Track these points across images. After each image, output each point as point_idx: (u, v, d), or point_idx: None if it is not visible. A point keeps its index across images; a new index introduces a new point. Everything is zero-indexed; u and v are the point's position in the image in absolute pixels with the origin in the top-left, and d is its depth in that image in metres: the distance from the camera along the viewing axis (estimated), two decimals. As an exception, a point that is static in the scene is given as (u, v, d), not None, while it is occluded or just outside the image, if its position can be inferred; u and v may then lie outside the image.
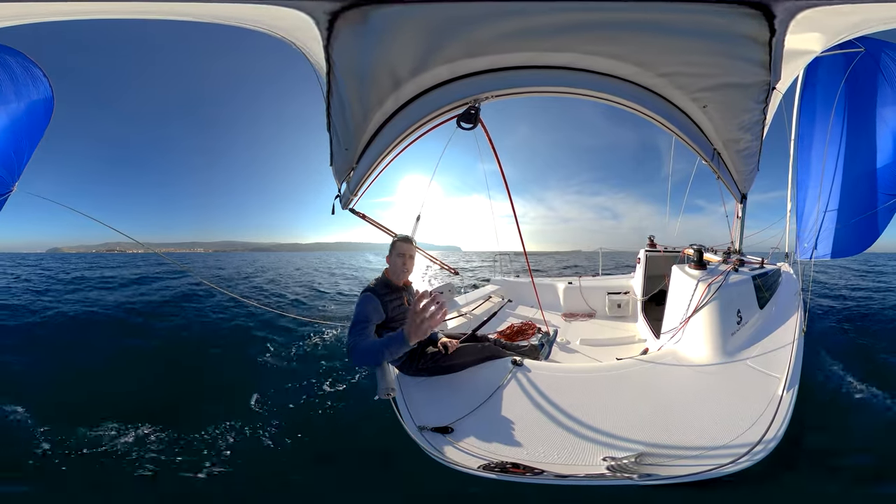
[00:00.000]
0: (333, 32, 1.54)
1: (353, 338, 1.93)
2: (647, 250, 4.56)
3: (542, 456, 1.50)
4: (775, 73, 1.82)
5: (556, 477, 1.40)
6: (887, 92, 4.19)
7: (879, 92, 4.23)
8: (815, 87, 4.72)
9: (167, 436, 2.76)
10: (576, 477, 1.40)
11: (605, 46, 1.83)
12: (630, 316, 4.22)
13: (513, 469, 1.45)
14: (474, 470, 1.47)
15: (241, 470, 2.46)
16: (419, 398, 1.94)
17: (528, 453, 1.51)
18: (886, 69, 4.19)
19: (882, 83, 4.21)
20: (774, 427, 1.53)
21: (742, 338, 2.34)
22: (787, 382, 1.80)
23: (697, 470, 1.38)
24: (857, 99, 4.36)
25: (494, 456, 1.51)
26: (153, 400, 3.37)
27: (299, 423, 2.97)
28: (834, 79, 4.43)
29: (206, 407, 3.17)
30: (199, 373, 4.19)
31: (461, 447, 1.57)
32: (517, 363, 2.11)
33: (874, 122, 4.28)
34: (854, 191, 4.43)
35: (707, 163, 2.77)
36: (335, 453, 2.64)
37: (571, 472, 1.42)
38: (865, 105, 4.33)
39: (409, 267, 2.26)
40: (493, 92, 1.96)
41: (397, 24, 1.57)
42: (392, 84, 1.84)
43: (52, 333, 5.63)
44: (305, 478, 2.43)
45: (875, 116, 4.27)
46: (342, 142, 2.04)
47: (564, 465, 1.45)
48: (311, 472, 2.47)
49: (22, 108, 2.95)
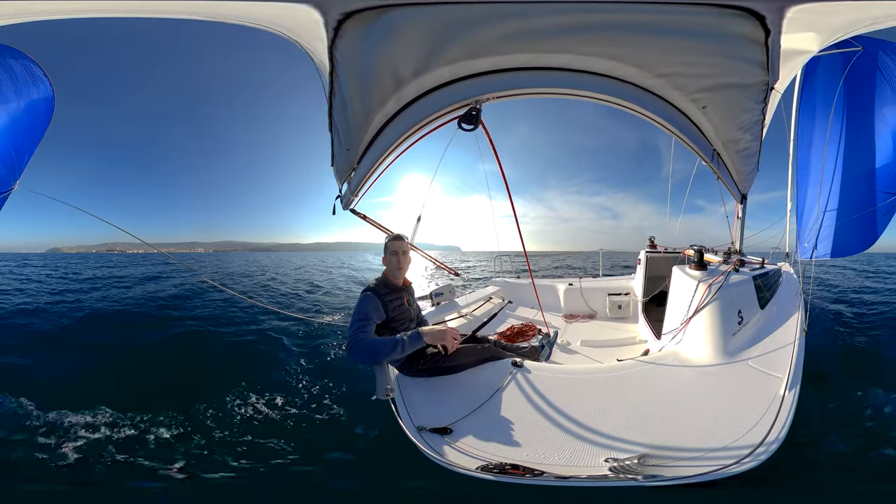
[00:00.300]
0: (339, 33, 1.56)
1: (354, 334, 1.95)
2: (648, 251, 4.56)
3: (542, 457, 1.49)
4: (773, 73, 1.83)
5: (557, 478, 1.40)
6: (886, 91, 4.19)
7: (878, 91, 4.23)
8: (813, 86, 4.72)
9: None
10: (577, 478, 1.39)
11: (604, 48, 1.84)
12: (631, 317, 4.22)
13: (512, 470, 1.44)
14: (472, 471, 1.46)
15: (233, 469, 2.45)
16: (418, 399, 1.93)
17: (527, 454, 1.51)
18: (885, 68, 4.19)
19: (881, 82, 4.21)
20: (777, 427, 1.52)
21: (743, 338, 2.33)
22: (788, 382, 1.79)
23: (700, 471, 1.38)
24: (856, 98, 4.36)
25: (493, 457, 1.50)
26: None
27: (298, 422, 2.97)
28: (833, 78, 4.43)
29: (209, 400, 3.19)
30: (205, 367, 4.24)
31: (459, 448, 1.56)
32: (517, 364, 2.10)
33: (873, 121, 4.28)
34: (854, 190, 4.42)
35: (707, 163, 2.77)
36: (332, 453, 2.63)
37: (573, 473, 1.41)
38: (865, 104, 4.33)
39: (404, 264, 2.28)
40: (494, 93, 1.97)
41: (404, 26, 1.59)
42: (394, 84, 1.85)
43: (93, 332, 5.65)
44: (300, 478, 2.43)
45: (874, 116, 4.27)
46: (343, 142, 2.05)
47: (565, 467, 1.44)
48: (307, 472, 2.46)
49: (22, 107, 2.95)
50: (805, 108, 4.83)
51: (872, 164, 4.31)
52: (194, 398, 3.20)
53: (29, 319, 6.14)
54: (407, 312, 2.27)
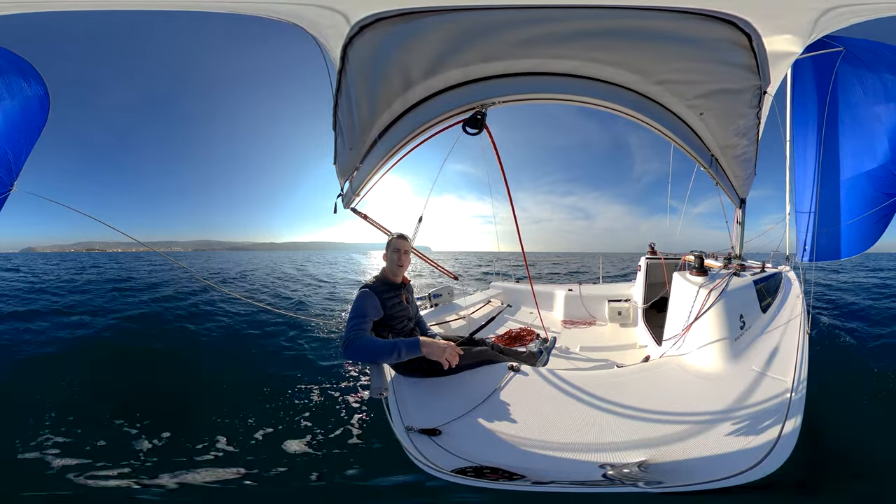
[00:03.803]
0: (360, 32, 1.57)
1: (350, 332, 1.94)
2: (648, 258, 4.56)
3: (528, 461, 1.45)
4: (765, 77, 1.87)
5: (535, 483, 1.35)
6: (877, 89, 4.23)
7: (868, 90, 4.28)
8: (804, 89, 4.78)
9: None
10: (560, 483, 1.35)
11: (607, 54, 1.86)
12: (631, 323, 4.20)
13: (489, 474, 1.41)
14: (447, 473, 1.42)
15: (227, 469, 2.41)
16: (412, 399, 1.90)
17: (513, 458, 1.47)
18: (872, 66, 4.25)
19: (870, 80, 4.26)
20: (786, 434, 1.49)
21: (746, 343, 2.32)
22: (794, 387, 1.77)
23: (703, 479, 1.35)
24: (846, 98, 4.42)
25: (476, 460, 1.47)
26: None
27: (295, 421, 2.94)
28: (821, 80, 4.50)
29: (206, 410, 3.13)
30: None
31: (445, 449, 1.53)
32: (514, 368, 2.07)
33: (867, 121, 4.32)
34: (853, 191, 4.45)
35: (706, 169, 2.78)
36: (325, 451, 2.60)
37: (560, 478, 1.37)
38: (855, 103, 4.38)
39: (404, 263, 2.29)
40: (500, 98, 1.98)
41: (425, 31, 1.60)
42: (403, 85, 1.85)
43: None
44: (290, 476, 2.39)
45: (868, 115, 4.31)
46: (347, 141, 2.05)
47: (552, 471, 1.40)
48: (302, 472, 2.42)
49: (16, 106, 2.91)
50: (798, 111, 4.88)
51: (869, 164, 4.34)
52: (195, 399, 3.15)
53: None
54: (405, 310, 2.26)
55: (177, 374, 4.08)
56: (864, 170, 4.36)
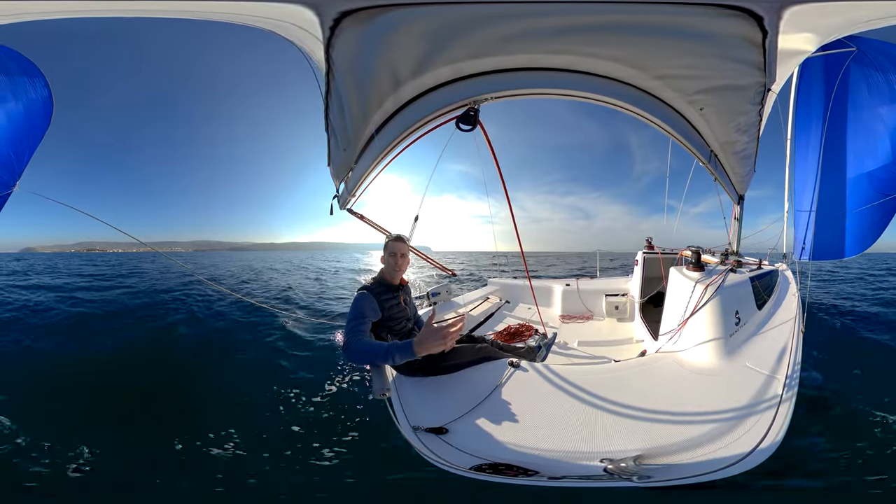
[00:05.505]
0: (336, 33, 1.55)
1: (349, 335, 1.95)
2: (645, 252, 4.56)
3: (537, 457, 1.48)
4: (770, 75, 1.84)
5: (550, 479, 1.39)
6: (884, 90, 4.21)
7: (874, 91, 4.26)
8: (809, 87, 4.74)
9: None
10: (571, 478, 1.38)
11: (604, 49, 1.84)
12: (628, 318, 4.22)
13: (506, 470, 1.44)
14: (466, 471, 1.45)
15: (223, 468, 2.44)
16: (414, 398, 1.93)
17: (522, 455, 1.50)
18: (881, 68, 4.21)
19: (877, 82, 4.23)
20: (775, 429, 1.52)
21: (740, 339, 2.33)
22: (786, 383, 1.79)
23: (696, 472, 1.37)
24: (852, 98, 4.38)
25: (488, 457, 1.50)
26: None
27: (294, 421, 2.97)
28: (829, 78, 4.45)
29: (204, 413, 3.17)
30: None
31: (455, 447, 1.56)
32: (514, 364, 2.10)
33: (870, 121, 4.30)
34: (852, 191, 4.43)
35: (704, 165, 2.78)
36: (328, 453, 2.62)
37: (567, 473, 1.40)
38: (861, 104, 4.35)
39: (402, 265, 2.28)
40: (493, 94, 1.97)
41: (402, 26, 1.58)
42: (393, 84, 1.84)
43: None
44: (295, 478, 2.42)
45: (872, 116, 4.29)
46: (340, 143, 2.05)
47: (560, 467, 1.43)
48: (303, 473, 2.45)
49: (20, 108, 2.94)
50: (801, 108, 4.85)
51: (870, 164, 4.32)
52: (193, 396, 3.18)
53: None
54: (403, 311, 2.27)
55: (177, 374, 4.11)
56: (866, 170, 4.34)
